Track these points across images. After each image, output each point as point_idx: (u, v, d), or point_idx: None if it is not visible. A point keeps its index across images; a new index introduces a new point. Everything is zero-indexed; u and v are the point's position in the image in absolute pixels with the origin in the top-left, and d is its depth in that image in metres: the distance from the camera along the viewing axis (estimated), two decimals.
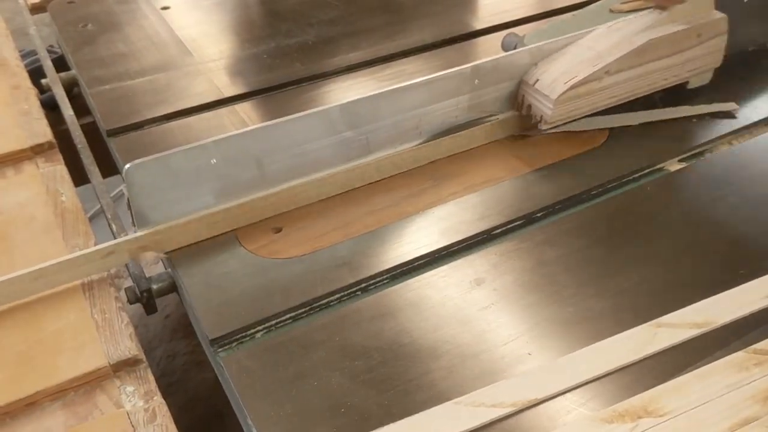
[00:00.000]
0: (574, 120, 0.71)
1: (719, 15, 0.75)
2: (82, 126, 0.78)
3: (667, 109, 0.76)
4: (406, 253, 0.59)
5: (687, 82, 0.77)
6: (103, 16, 0.98)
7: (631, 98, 0.73)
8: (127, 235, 0.60)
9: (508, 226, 0.62)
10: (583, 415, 0.45)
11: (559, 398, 0.47)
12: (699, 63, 0.75)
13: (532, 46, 0.71)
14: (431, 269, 0.58)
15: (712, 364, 0.47)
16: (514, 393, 0.46)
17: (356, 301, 0.55)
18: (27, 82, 0.84)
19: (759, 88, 0.78)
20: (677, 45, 0.72)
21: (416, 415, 0.45)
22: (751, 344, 0.49)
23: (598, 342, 0.49)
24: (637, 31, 0.71)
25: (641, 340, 0.49)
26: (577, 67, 0.69)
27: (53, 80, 0.86)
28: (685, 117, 0.74)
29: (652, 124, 0.73)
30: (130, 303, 0.58)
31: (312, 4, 1.01)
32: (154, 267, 0.60)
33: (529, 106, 0.70)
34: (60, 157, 0.72)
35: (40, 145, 0.72)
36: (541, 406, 0.46)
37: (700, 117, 0.74)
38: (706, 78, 0.78)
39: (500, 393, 0.46)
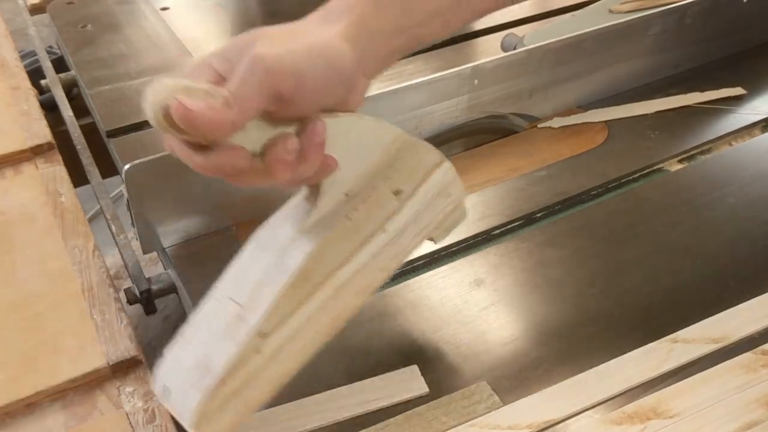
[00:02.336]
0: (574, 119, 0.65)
1: (413, 141, 0.46)
2: (81, 127, 0.78)
3: (677, 97, 0.75)
4: None
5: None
6: (102, 17, 0.98)
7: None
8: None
9: (508, 226, 0.62)
10: (592, 417, 0.45)
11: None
12: (430, 217, 0.47)
13: (532, 46, 0.71)
14: (431, 269, 0.58)
15: (720, 365, 0.47)
16: (529, 414, 0.45)
17: None
18: (27, 82, 0.84)
19: (759, 88, 0.78)
20: (364, 227, 0.43)
21: None
22: (759, 345, 0.49)
23: (613, 359, 0.48)
24: (285, 246, 0.40)
25: (657, 356, 0.48)
26: (215, 348, 0.39)
27: (53, 81, 0.86)
28: (689, 114, 0.74)
29: (651, 123, 0.73)
30: (130, 304, 0.58)
31: (312, 4, 1.01)
32: (153, 267, 0.60)
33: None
34: (59, 157, 0.72)
35: (40, 146, 0.72)
36: None
37: (707, 110, 0.74)
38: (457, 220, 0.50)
39: (515, 414, 0.45)
